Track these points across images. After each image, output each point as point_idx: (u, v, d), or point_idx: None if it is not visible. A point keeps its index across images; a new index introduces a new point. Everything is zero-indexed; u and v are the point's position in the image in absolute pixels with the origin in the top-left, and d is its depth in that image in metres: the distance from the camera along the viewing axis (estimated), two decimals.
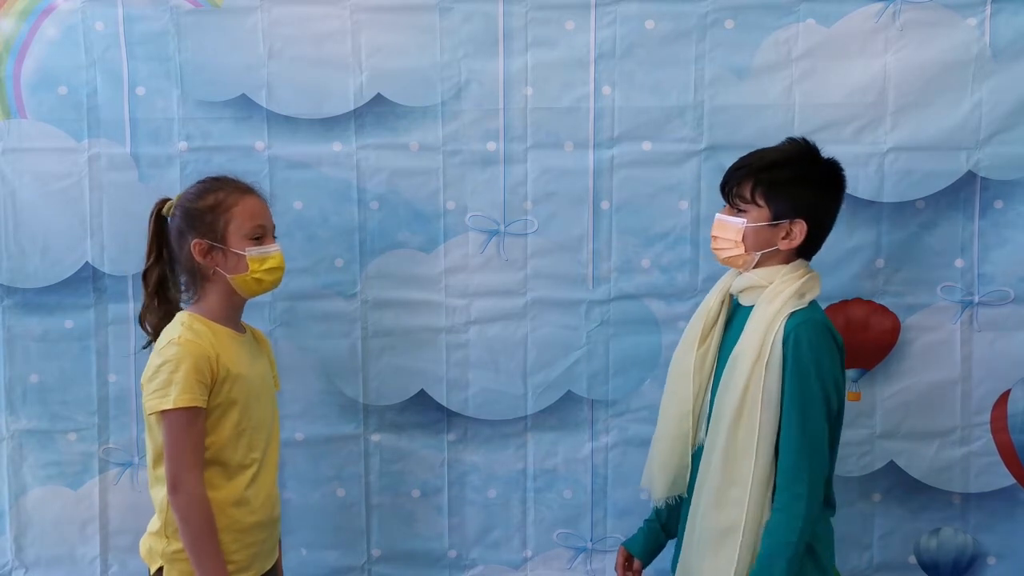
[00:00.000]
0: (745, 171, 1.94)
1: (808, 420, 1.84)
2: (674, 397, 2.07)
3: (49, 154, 2.44)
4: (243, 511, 1.99)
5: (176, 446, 1.91)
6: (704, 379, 2.03)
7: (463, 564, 2.55)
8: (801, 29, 2.38)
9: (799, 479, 1.84)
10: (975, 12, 2.34)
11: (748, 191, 1.93)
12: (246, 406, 1.99)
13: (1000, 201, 2.39)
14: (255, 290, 2.05)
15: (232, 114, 2.43)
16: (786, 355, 1.84)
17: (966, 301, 2.42)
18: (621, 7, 2.39)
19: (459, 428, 2.52)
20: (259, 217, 2.04)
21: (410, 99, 2.43)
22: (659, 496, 2.10)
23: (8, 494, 2.51)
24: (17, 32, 2.41)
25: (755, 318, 1.90)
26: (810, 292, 1.92)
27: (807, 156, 1.96)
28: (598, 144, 2.42)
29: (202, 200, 2.02)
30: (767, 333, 1.86)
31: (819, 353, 1.85)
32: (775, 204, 1.91)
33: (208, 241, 1.99)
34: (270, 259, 2.03)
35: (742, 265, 1.98)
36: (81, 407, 2.49)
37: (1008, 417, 2.44)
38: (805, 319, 1.87)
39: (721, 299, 2.04)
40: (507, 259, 2.47)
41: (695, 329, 2.06)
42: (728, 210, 1.98)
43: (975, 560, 2.49)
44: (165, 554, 1.97)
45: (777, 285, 1.91)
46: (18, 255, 2.46)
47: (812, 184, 1.93)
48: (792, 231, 1.92)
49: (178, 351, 1.92)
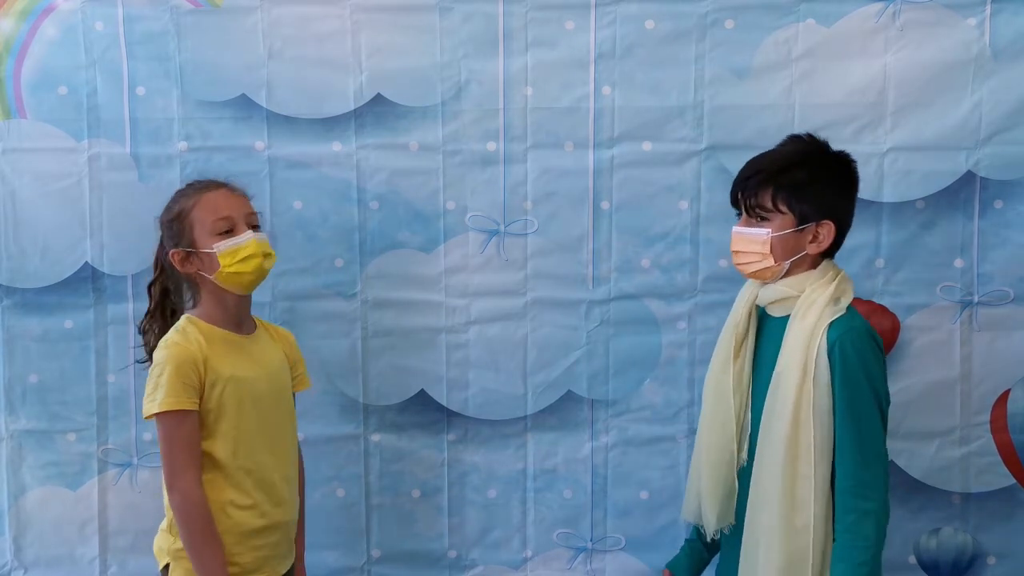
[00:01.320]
0: (761, 177, 1.84)
1: (865, 432, 1.77)
2: (715, 421, 1.96)
3: (49, 154, 2.43)
4: (246, 514, 1.98)
5: (167, 448, 1.92)
6: (743, 396, 1.93)
7: (463, 564, 2.55)
8: (801, 29, 2.38)
9: (864, 496, 1.76)
10: (975, 12, 2.34)
11: (769, 199, 1.83)
12: (241, 411, 1.97)
13: (1000, 201, 2.39)
14: (239, 283, 2.00)
15: (232, 114, 2.43)
16: (833, 369, 1.76)
17: (966, 301, 2.42)
18: (621, 7, 2.39)
19: (459, 428, 2.52)
20: (221, 209, 1.99)
21: (410, 99, 2.43)
22: (713, 529, 1.97)
23: (7, 494, 2.51)
24: (17, 32, 2.41)
25: (793, 332, 1.81)
26: (845, 296, 1.84)
27: (820, 153, 1.88)
28: (598, 144, 2.42)
29: (169, 212, 2.04)
30: (809, 348, 1.77)
31: (867, 362, 1.77)
32: (799, 208, 1.82)
33: (182, 249, 2.00)
34: (241, 249, 1.97)
35: (771, 277, 1.88)
36: (80, 407, 2.49)
37: (1008, 417, 2.44)
38: (847, 328, 1.78)
39: (748, 311, 1.94)
40: (507, 259, 2.47)
41: (726, 346, 1.96)
42: (746, 221, 1.88)
43: (975, 560, 2.49)
44: (171, 551, 1.98)
45: (810, 294, 1.82)
46: (18, 255, 2.45)
47: (832, 181, 1.86)
48: (820, 233, 1.83)
49: (164, 355, 1.93)
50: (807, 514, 1.78)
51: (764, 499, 1.83)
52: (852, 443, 1.77)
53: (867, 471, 1.77)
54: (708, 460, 1.98)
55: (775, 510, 1.80)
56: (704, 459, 1.99)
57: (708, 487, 1.97)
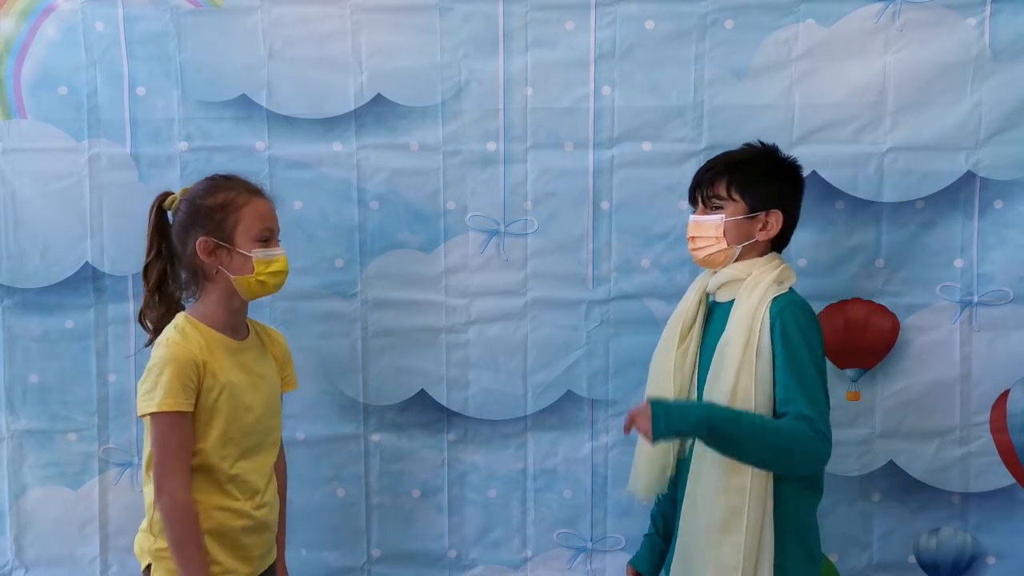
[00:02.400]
0: (716, 170, 2.03)
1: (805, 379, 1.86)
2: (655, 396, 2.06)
3: (49, 154, 2.44)
4: (229, 515, 1.98)
5: (160, 449, 1.91)
6: (686, 378, 2.06)
7: (463, 564, 2.55)
8: (801, 29, 2.38)
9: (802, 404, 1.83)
10: (975, 12, 2.34)
11: (723, 188, 2.00)
12: (233, 416, 1.97)
13: (1000, 201, 2.39)
14: (257, 292, 2.04)
15: (232, 114, 2.43)
16: (774, 338, 1.89)
17: (965, 301, 2.42)
18: (621, 7, 2.39)
19: (459, 428, 2.52)
20: (268, 220, 2.03)
21: (410, 99, 2.43)
22: (643, 495, 2.13)
23: (8, 494, 2.51)
24: (17, 32, 2.41)
25: (739, 308, 1.95)
26: (788, 280, 1.99)
27: (771, 154, 2.06)
28: (598, 144, 2.42)
29: (212, 197, 2.01)
30: (753, 320, 1.90)
31: (806, 329, 1.89)
32: (750, 197, 1.99)
33: (214, 239, 1.98)
34: (275, 262, 2.02)
35: (723, 261, 2.02)
36: (81, 407, 2.49)
37: (1007, 417, 2.44)
38: (788, 302, 1.93)
39: (698, 299, 2.09)
40: (507, 259, 2.47)
41: (674, 329, 2.10)
42: (701, 211, 2.05)
43: (975, 560, 2.49)
44: (152, 551, 1.97)
45: (756, 275, 1.97)
46: (18, 255, 2.46)
47: (781, 177, 2.04)
48: (768, 221, 2.00)
49: (165, 354, 1.92)
50: (744, 475, 1.86)
51: (703, 463, 1.93)
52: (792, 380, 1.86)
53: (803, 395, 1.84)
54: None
55: (713, 473, 1.90)
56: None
57: (644, 458, 2.10)
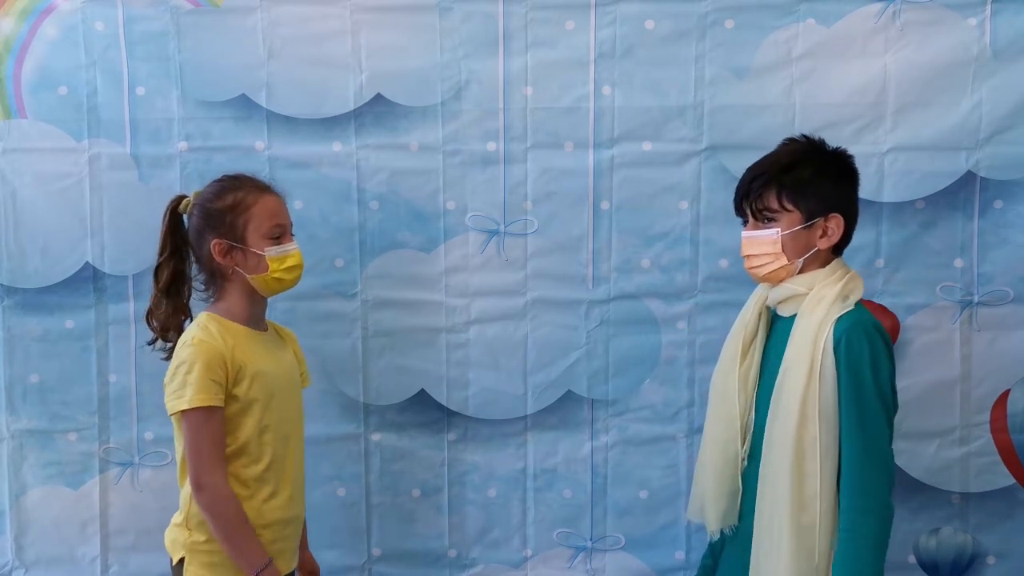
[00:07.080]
0: (764, 179, 1.86)
1: (869, 429, 1.75)
2: (720, 420, 1.97)
3: (49, 154, 2.44)
4: (265, 507, 2.00)
5: (195, 445, 1.93)
6: (749, 396, 1.93)
7: (463, 563, 2.56)
8: (801, 29, 2.38)
9: (865, 493, 1.75)
10: (975, 12, 2.34)
11: (774, 199, 1.85)
12: (267, 403, 2.00)
13: (1000, 201, 2.39)
14: (275, 289, 2.07)
15: (232, 114, 2.43)
16: (839, 362, 1.76)
17: (965, 301, 2.42)
18: (621, 7, 2.39)
19: (459, 428, 2.52)
20: (278, 216, 2.05)
21: (410, 99, 2.43)
22: (715, 528, 1.99)
23: (8, 494, 2.51)
24: (17, 32, 2.41)
25: (800, 327, 1.82)
26: (853, 293, 1.84)
27: (818, 150, 1.90)
28: (598, 144, 2.42)
29: (220, 200, 2.03)
30: (816, 342, 1.77)
31: (873, 355, 1.76)
32: (805, 204, 1.84)
33: (227, 241, 2.01)
34: (289, 258, 2.05)
35: (785, 277, 1.88)
36: (81, 407, 2.49)
37: (1008, 417, 2.44)
38: (853, 322, 1.78)
39: (759, 312, 1.96)
40: (507, 259, 2.47)
41: (734, 346, 1.97)
42: (753, 225, 1.90)
43: (974, 560, 2.49)
44: (187, 545, 1.98)
45: (819, 291, 1.83)
46: (18, 255, 2.46)
47: (834, 176, 1.87)
48: (828, 227, 1.85)
49: (191, 352, 1.94)
50: (813, 512, 1.77)
51: (771, 497, 1.83)
52: (855, 439, 1.76)
53: (869, 469, 1.76)
54: (712, 460, 1.99)
55: (782, 508, 1.79)
56: (708, 459, 2.00)
57: (711, 487, 1.98)
